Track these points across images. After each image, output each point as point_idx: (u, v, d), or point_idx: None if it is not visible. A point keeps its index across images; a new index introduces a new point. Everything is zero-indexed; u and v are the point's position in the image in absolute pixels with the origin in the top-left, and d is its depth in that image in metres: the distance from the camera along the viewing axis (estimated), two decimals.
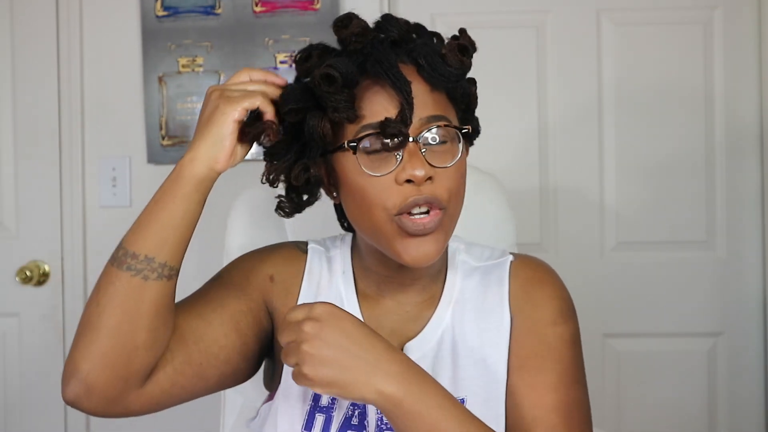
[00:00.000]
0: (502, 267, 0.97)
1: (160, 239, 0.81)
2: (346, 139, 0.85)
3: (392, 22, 0.88)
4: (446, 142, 0.86)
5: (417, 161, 0.82)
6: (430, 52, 0.86)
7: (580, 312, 0.96)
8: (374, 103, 0.84)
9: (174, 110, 1.97)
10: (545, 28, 1.96)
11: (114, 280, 0.80)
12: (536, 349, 0.91)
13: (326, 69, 0.82)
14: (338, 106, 0.82)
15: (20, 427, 2.01)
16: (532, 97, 1.95)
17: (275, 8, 1.95)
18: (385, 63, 0.83)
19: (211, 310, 0.90)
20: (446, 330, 0.94)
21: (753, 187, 1.94)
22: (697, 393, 1.95)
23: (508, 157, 1.93)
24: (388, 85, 0.83)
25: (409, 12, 1.92)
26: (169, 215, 0.81)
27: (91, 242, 1.99)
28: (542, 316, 0.92)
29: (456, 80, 0.87)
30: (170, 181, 0.82)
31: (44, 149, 1.99)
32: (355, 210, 0.88)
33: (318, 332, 0.77)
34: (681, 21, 1.94)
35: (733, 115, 1.93)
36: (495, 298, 0.95)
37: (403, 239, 0.85)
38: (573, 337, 0.93)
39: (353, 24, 0.85)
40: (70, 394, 0.80)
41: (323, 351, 0.77)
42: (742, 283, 1.94)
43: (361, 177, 0.84)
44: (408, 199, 0.83)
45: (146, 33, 1.96)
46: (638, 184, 1.94)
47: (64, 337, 1.99)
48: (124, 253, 0.81)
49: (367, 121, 0.84)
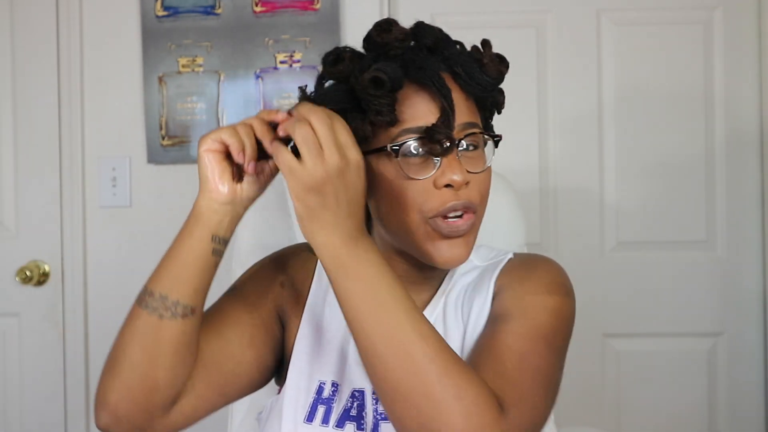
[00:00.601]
0: (499, 262, 0.98)
1: (174, 277, 0.81)
2: (385, 143, 0.85)
3: (427, 30, 0.89)
4: (477, 148, 0.88)
5: (456, 166, 0.84)
6: (467, 60, 0.88)
7: (580, 312, 0.95)
8: (415, 108, 0.85)
9: (174, 110, 1.97)
10: (545, 28, 1.96)
11: (135, 318, 0.82)
12: (512, 310, 0.87)
13: (375, 73, 0.82)
14: (381, 110, 0.83)
15: (20, 427, 2.01)
16: (532, 97, 1.95)
17: (275, 8, 1.95)
18: (428, 70, 0.84)
19: (228, 328, 0.91)
20: (438, 320, 0.94)
21: (753, 187, 1.94)
22: (697, 393, 1.95)
23: (508, 157, 1.93)
24: (430, 91, 0.84)
25: (409, 12, 1.92)
26: (182, 253, 0.82)
27: (91, 242, 1.99)
28: (522, 286, 0.90)
29: (491, 89, 0.90)
30: (186, 220, 0.84)
31: (44, 149, 1.99)
32: (389, 210, 0.88)
33: (338, 173, 0.75)
34: (681, 21, 1.94)
35: (733, 115, 1.93)
36: (483, 287, 0.94)
37: (435, 241, 0.87)
38: (556, 309, 0.88)
39: (395, 29, 0.86)
40: (101, 422, 0.82)
41: (327, 187, 0.75)
42: (742, 283, 1.94)
43: (400, 179, 0.85)
44: (447, 203, 0.85)
45: (146, 33, 1.96)
46: (638, 184, 1.94)
47: (64, 337, 1.99)
48: (144, 291, 0.83)
49: (407, 126, 0.84)
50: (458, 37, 0.91)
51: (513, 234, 1.30)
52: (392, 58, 0.86)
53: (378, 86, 0.82)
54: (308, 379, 0.94)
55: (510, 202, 1.31)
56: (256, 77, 1.96)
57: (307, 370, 0.95)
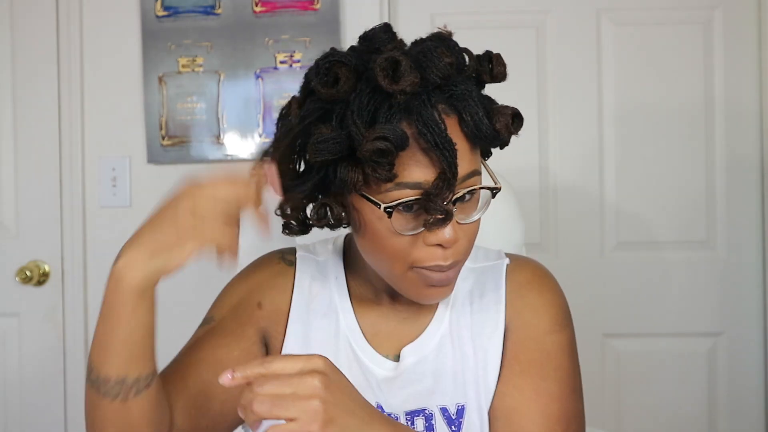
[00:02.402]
0: (497, 270, 0.96)
1: (126, 357, 0.77)
2: (376, 192, 0.79)
3: (435, 63, 0.78)
4: (474, 194, 0.83)
5: (448, 226, 0.79)
6: (475, 108, 0.80)
7: (580, 312, 0.96)
8: (414, 162, 0.78)
9: (174, 110, 1.97)
10: (545, 28, 1.96)
11: (97, 406, 0.79)
12: (536, 356, 0.90)
13: (382, 144, 0.74)
14: (379, 170, 0.76)
15: (20, 427, 2.00)
16: (532, 97, 1.95)
17: (275, 8, 1.95)
18: (434, 128, 0.76)
19: (208, 370, 0.89)
20: (444, 335, 0.93)
21: (753, 187, 1.93)
22: (696, 393, 1.95)
23: (508, 157, 1.93)
24: (432, 150, 0.77)
25: (409, 12, 1.92)
26: (126, 330, 0.76)
27: (91, 242, 1.99)
28: (540, 323, 0.91)
29: (498, 144, 0.84)
30: (111, 291, 0.75)
31: (44, 149, 1.99)
32: (372, 253, 0.85)
33: (325, 388, 0.69)
34: (681, 21, 1.94)
35: (733, 115, 1.93)
36: (491, 303, 0.93)
37: (421, 288, 0.84)
38: (571, 345, 0.93)
39: (403, 78, 0.76)
40: None
41: (331, 410, 0.69)
42: (742, 283, 1.94)
43: (387, 233, 0.81)
44: (434, 261, 0.81)
45: (146, 33, 1.96)
46: (638, 184, 1.94)
47: (64, 337, 1.99)
48: (96, 377, 0.78)
49: (404, 180, 0.78)
50: (458, 38, 0.87)
51: (511, 234, 1.29)
52: (395, 103, 0.77)
53: (383, 155, 0.75)
54: None
55: (508, 202, 1.30)
56: (256, 77, 1.96)
57: None
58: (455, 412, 0.91)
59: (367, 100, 0.78)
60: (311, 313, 0.95)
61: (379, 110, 0.77)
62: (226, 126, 1.96)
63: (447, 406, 0.91)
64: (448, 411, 0.91)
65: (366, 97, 0.78)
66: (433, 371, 0.91)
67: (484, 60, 0.85)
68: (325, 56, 0.82)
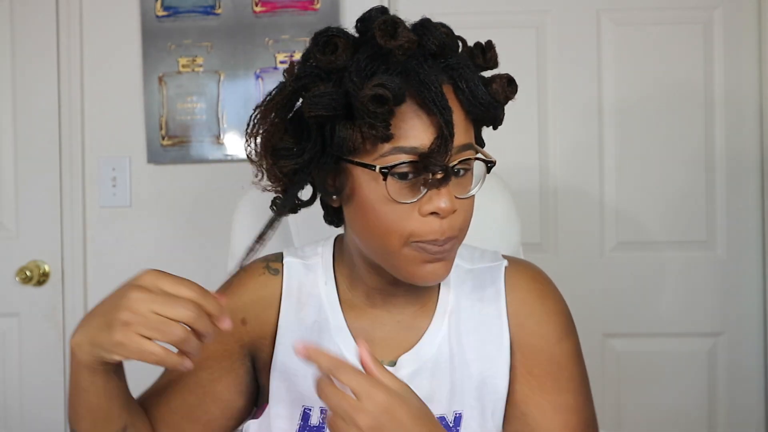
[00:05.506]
0: (495, 273, 0.95)
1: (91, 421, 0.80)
2: (372, 156, 0.78)
3: (432, 32, 0.79)
4: (469, 170, 0.83)
5: (444, 193, 0.78)
6: (471, 75, 0.80)
7: (580, 312, 0.97)
8: (410, 125, 0.77)
9: (174, 110, 1.97)
10: (545, 28, 1.96)
11: None
12: (548, 369, 0.91)
13: (379, 90, 0.74)
14: (376, 125, 0.76)
15: (20, 427, 2.00)
16: (532, 97, 1.95)
17: (275, 8, 1.95)
18: (432, 88, 0.76)
19: (190, 393, 0.90)
20: (443, 342, 0.91)
21: (753, 187, 1.93)
22: (696, 393, 1.95)
23: (508, 157, 1.93)
24: (429, 110, 0.77)
25: (409, 12, 1.91)
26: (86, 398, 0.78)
27: (91, 242, 1.99)
28: (547, 333, 0.91)
29: (494, 110, 0.83)
30: (71, 360, 0.77)
31: (44, 149, 1.99)
32: (365, 227, 0.83)
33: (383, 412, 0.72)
34: (681, 21, 1.94)
35: (733, 115, 1.93)
36: (492, 310, 0.92)
37: (417, 264, 0.82)
38: (578, 351, 0.94)
39: (402, 36, 0.76)
40: None
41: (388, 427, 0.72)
42: (742, 283, 1.94)
43: (382, 200, 0.79)
44: (430, 235, 0.79)
45: (146, 33, 1.96)
46: (638, 184, 1.94)
47: (64, 337, 1.99)
48: (73, 429, 0.82)
49: (400, 144, 0.77)
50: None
51: (508, 234, 1.29)
52: (393, 65, 0.77)
53: (380, 103, 0.75)
54: (290, 406, 0.90)
55: (506, 202, 1.30)
56: (256, 77, 1.96)
57: (287, 397, 0.91)
58: (452, 420, 0.90)
59: (365, 64, 0.78)
60: (300, 323, 0.93)
61: (376, 72, 0.77)
62: (226, 126, 1.96)
63: (444, 415, 0.90)
64: (446, 419, 0.90)
65: (364, 61, 0.78)
66: (430, 379, 0.90)
67: (476, 48, 0.86)
68: (323, 30, 0.82)
